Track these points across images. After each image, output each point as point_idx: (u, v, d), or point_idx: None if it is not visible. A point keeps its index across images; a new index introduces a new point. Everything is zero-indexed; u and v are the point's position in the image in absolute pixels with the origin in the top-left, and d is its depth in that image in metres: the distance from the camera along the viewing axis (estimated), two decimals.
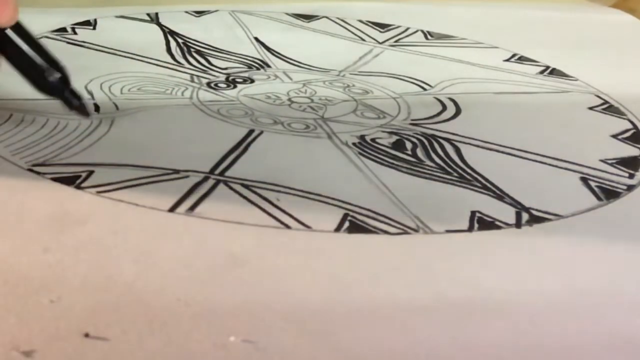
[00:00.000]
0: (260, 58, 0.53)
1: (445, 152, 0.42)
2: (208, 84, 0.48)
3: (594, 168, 0.42)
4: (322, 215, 0.35)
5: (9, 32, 0.39)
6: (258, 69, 0.51)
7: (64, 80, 0.40)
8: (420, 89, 0.50)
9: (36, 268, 0.29)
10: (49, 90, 0.40)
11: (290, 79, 0.50)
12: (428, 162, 0.40)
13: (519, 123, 0.47)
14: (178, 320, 0.27)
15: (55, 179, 0.35)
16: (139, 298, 0.28)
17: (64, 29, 0.54)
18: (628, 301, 0.32)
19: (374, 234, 0.34)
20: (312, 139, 0.42)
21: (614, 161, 0.43)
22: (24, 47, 0.39)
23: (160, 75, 0.48)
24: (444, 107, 0.48)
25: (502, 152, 0.43)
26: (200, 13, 0.60)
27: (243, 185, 0.36)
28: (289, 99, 0.47)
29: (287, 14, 0.62)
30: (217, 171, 0.37)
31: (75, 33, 0.53)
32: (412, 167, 0.40)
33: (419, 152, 0.41)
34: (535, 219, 0.36)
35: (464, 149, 0.42)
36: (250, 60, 0.52)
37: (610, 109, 0.50)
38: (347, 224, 0.34)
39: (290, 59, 0.53)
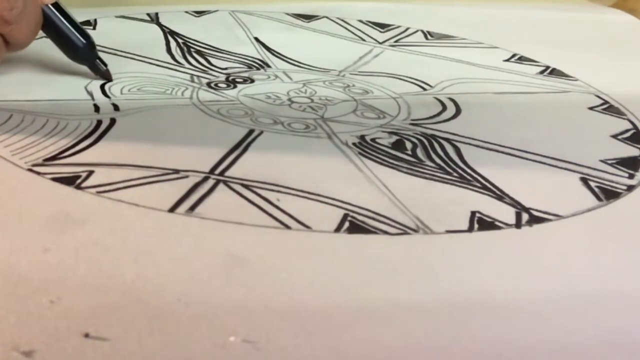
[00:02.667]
0: (260, 58, 0.53)
1: (445, 152, 0.42)
2: (208, 84, 0.48)
3: (594, 168, 0.42)
4: (322, 215, 0.35)
5: (45, 7, 0.44)
6: (258, 69, 0.51)
7: (92, 47, 0.46)
8: (420, 89, 0.50)
9: (36, 268, 0.29)
10: (80, 57, 0.46)
11: (290, 79, 0.50)
12: (428, 162, 0.40)
13: (519, 123, 0.47)
14: (178, 320, 0.27)
15: (55, 179, 0.35)
16: (139, 298, 0.28)
17: None
18: (628, 301, 0.32)
19: (374, 234, 0.34)
20: (312, 139, 0.42)
21: (614, 161, 0.43)
22: (58, 20, 0.45)
23: (160, 75, 0.48)
24: (444, 107, 0.48)
25: (502, 152, 0.43)
26: (200, 13, 0.60)
27: (243, 185, 0.36)
28: (289, 99, 0.47)
29: (287, 14, 0.62)
30: (217, 171, 0.37)
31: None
32: (412, 167, 0.40)
33: (419, 152, 0.41)
34: (535, 219, 0.36)
35: (464, 149, 0.42)
36: (250, 60, 0.52)
37: (610, 109, 0.50)
38: (347, 224, 0.34)
39: (290, 59, 0.53)
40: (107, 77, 0.46)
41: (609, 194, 0.39)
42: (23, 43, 0.42)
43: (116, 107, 0.43)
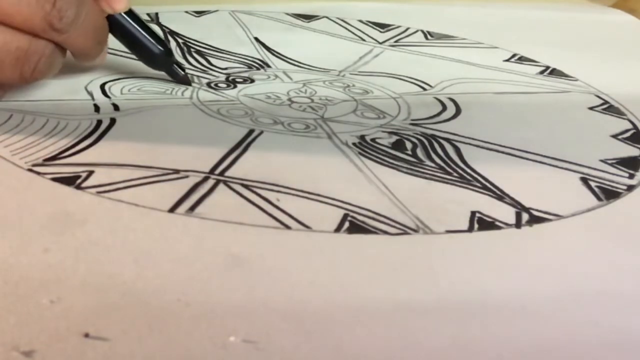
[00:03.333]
0: (260, 58, 0.53)
1: (445, 152, 0.42)
2: (208, 84, 0.48)
3: (594, 168, 0.42)
4: (322, 215, 0.35)
5: (118, 15, 0.44)
6: (258, 69, 0.51)
7: (169, 54, 0.46)
8: (420, 89, 0.50)
9: (36, 268, 0.29)
10: (157, 64, 0.46)
11: (290, 79, 0.50)
12: (428, 162, 0.40)
13: (519, 123, 0.47)
14: (178, 320, 0.27)
15: (55, 179, 0.35)
16: (139, 298, 0.28)
17: None
18: (627, 301, 0.32)
19: (374, 234, 0.34)
20: (312, 139, 0.42)
21: (614, 161, 0.43)
22: (132, 27, 0.45)
23: (160, 75, 0.48)
24: (444, 107, 0.48)
25: (502, 152, 0.43)
26: (200, 13, 0.60)
27: (243, 185, 0.36)
28: (289, 99, 0.47)
29: (287, 14, 0.62)
30: (217, 171, 0.37)
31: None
32: (412, 167, 0.40)
33: (419, 152, 0.41)
34: (535, 219, 0.36)
35: (464, 149, 0.42)
36: (250, 60, 0.52)
37: (610, 109, 0.50)
38: (347, 224, 0.34)
39: (290, 59, 0.53)
40: (185, 82, 0.46)
41: (609, 194, 0.39)
42: (85, 52, 0.42)
43: (116, 107, 0.43)
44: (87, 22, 0.40)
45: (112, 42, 0.45)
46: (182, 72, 0.46)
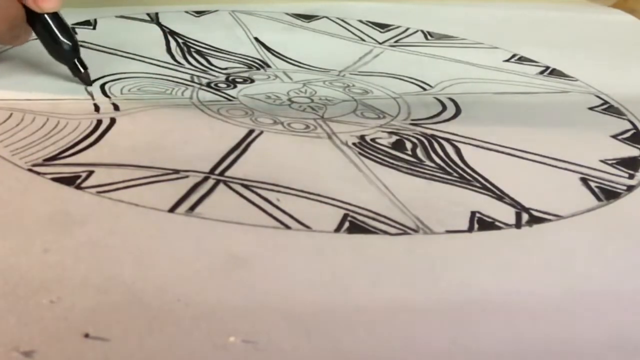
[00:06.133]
0: (260, 58, 0.53)
1: (445, 152, 0.42)
2: (208, 84, 0.48)
3: (594, 168, 0.42)
4: (322, 215, 0.35)
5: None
6: (258, 69, 0.51)
7: (75, 50, 0.45)
8: (420, 89, 0.50)
9: (36, 268, 0.29)
10: (61, 56, 0.45)
11: (290, 79, 0.50)
12: (428, 162, 0.40)
13: (519, 123, 0.47)
14: (178, 320, 0.27)
15: (55, 179, 0.35)
16: (139, 298, 0.28)
17: None
18: (628, 301, 0.32)
19: (374, 234, 0.34)
20: (312, 139, 0.42)
21: (613, 161, 0.43)
22: (48, 20, 0.44)
23: (160, 75, 0.48)
24: (444, 107, 0.48)
25: (502, 152, 0.43)
26: (200, 13, 0.60)
27: (243, 185, 0.36)
28: (289, 99, 0.47)
29: (287, 14, 0.62)
30: (217, 171, 0.37)
31: (75, 33, 0.53)
32: (412, 167, 0.40)
33: (419, 152, 0.41)
34: (535, 219, 0.36)
35: (464, 149, 0.42)
36: (250, 60, 0.52)
37: (610, 109, 0.50)
38: (347, 224, 0.34)
39: (290, 59, 0.53)
40: (85, 80, 0.45)
41: (609, 194, 0.39)
42: None
43: (116, 107, 0.43)
44: None
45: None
46: (83, 70, 0.45)
